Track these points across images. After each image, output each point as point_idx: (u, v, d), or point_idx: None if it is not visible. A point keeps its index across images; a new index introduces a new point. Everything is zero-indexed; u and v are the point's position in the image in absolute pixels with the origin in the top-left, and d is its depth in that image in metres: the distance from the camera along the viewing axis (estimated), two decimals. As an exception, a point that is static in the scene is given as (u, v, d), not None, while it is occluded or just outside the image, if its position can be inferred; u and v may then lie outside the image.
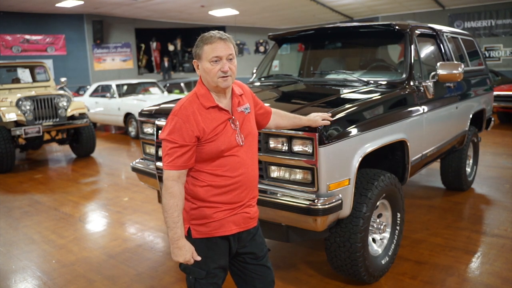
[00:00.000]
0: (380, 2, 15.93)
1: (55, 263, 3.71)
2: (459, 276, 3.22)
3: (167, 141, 1.82)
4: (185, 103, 1.86)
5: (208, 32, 1.90)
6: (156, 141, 3.41)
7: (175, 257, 1.85)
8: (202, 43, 1.86)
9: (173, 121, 1.82)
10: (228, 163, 1.87)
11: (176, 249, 1.83)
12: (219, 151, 1.84)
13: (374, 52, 4.35)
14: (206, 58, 1.84)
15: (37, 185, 6.49)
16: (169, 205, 1.80)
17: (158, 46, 20.09)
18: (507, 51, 15.52)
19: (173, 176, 1.82)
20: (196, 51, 1.88)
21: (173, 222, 1.81)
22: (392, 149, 3.35)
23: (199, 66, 1.89)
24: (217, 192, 1.87)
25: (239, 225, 1.95)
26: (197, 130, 1.80)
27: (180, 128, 1.80)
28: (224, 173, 1.87)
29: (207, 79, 1.86)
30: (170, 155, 1.81)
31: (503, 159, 6.96)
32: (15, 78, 9.28)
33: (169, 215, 1.81)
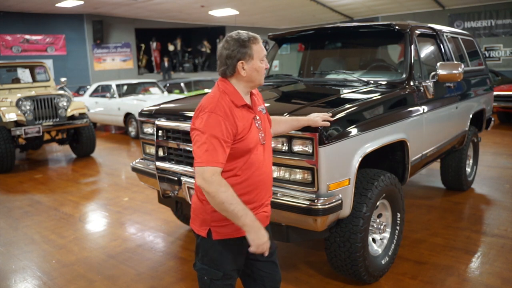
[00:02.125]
0: (380, 2, 15.93)
1: (55, 263, 3.71)
2: (459, 276, 3.22)
3: (208, 137, 1.77)
4: (219, 100, 1.84)
5: (236, 32, 1.90)
6: (156, 141, 3.41)
7: (259, 239, 1.78)
8: (250, 43, 1.88)
9: (211, 117, 1.79)
10: (253, 162, 1.89)
11: (259, 230, 1.79)
12: (248, 149, 1.86)
13: (374, 52, 4.35)
14: (258, 57, 1.89)
15: (37, 185, 6.49)
16: (230, 195, 1.75)
17: (158, 46, 20.09)
18: (507, 51, 15.52)
19: (217, 171, 1.77)
20: (246, 51, 1.87)
21: (243, 208, 1.76)
22: (392, 149, 3.35)
23: (245, 66, 1.88)
24: (240, 192, 1.86)
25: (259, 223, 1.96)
26: (235, 127, 1.81)
27: (220, 125, 1.78)
28: (248, 172, 1.88)
29: (254, 78, 1.90)
30: (210, 152, 1.76)
31: (503, 159, 6.96)
32: (15, 78, 9.28)
33: (235, 204, 1.75)
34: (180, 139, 3.24)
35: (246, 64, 1.88)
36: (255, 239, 1.79)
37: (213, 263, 1.92)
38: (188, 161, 3.23)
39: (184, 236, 4.22)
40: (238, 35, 1.88)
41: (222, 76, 1.93)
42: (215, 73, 20.07)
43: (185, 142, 3.21)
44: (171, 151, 3.38)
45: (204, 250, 1.96)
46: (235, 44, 1.86)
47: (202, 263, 1.97)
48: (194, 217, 1.99)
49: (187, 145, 3.17)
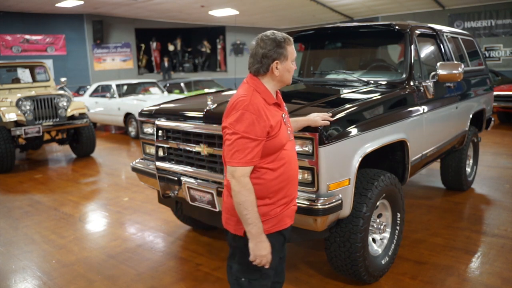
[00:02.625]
0: (380, 2, 15.93)
1: (55, 263, 3.71)
2: (459, 276, 3.22)
3: (240, 136, 1.79)
4: (252, 98, 1.86)
5: (271, 32, 1.94)
6: (156, 141, 3.41)
7: (259, 251, 1.84)
8: (285, 44, 1.92)
9: (244, 115, 1.80)
10: (284, 157, 1.92)
11: (260, 243, 1.84)
12: (281, 146, 1.90)
13: (374, 52, 4.35)
14: (291, 58, 1.95)
15: (37, 185, 6.49)
16: (249, 201, 1.80)
17: (158, 46, 20.09)
18: (507, 51, 15.51)
19: (247, 172, 1.82)
20: (281, 51, 1.91)
21: (256, 217, 1.82)
22: (392, 149, 3.35)
23: (278, 66, 1.92)
24: (276, 188, 1.90)
25: (291, 217, 2.00)
26: (268, 125, 1.83)
27: (253, 123, 1.80)
28: (282, 168, 1.91)
29: (285, 78, 1.96)
30: (242, 151, 1.79)
31: (503, 159, 6.96)
32: (15, 78, 9.28)
33: (250, 211, 1.80)
34: (180, 139, 3.24)
35: (280, 64, 1.92)
36: (255, 249, 1.85)
37: (251, 263, 1.90)
38: (188, 161, 3.23)
39: (184, 236, 4.22)
40: (274, 35, 1.91)
41: (254, 74, 1.96)
42: (215, 73, 20.14)
43: (185, 142, 3.21)
44: (171, 151, 3.38)
45: (241, 250, 1.94)
46: (272, 44, 1.90)
47: (240, 264, 1.96)
48: (228, 217, 1.98)
49: (187, 145, 3.17)
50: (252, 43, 2.00)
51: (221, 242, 4.01)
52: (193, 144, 3.12)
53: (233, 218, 1.95)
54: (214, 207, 2.99)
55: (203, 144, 3.03)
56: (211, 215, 3.18)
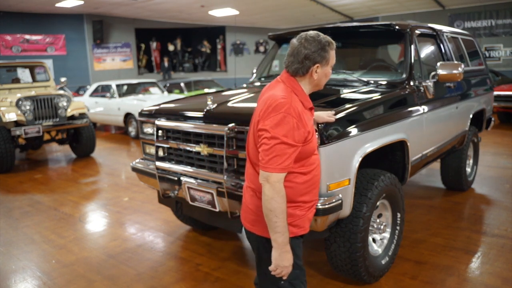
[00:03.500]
0: (380, 2, 15.93)
1: (55, 263, 3.71)
2: (459, 276, 3.22)
3: (280, 142, 1.72)
4: (292, 101, 1.79)
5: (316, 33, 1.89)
6: (156, 141, 3.41)
7: (282, 262, 1.78)
8: (330, 48, 1.89)
9: (286, 119, 1.73)
10: (314, 161, 1.91)
11: (285, 253, 1.78)
12: (313, 150, 1.88)
13: (374, 52, 4.34)
14: (332, 63, 1.92)
15: (37, 185, 6.49)
16: (281, 209, 1.74)
17: (158, 46, 20.09)
18: (507, 51, 15.51)
19: (282, 178, 1.76)
20: (324, 55, 1.87)
21: (284, 226, 1.76)
22: (392, 149, 3.35)
23: (318, 70, 1.88)
24: (304, 191, 1.89)
25: (310, 221, 1.99)
26: (306, 130, 1.79)
27: (293, 128, 1.74)
28: (313, 171, 1.90)
29: (321, 82, 1.93)
30: (280, 157, 1.73)
31: (503, 159, 6.96)
32: (15, 78, 9.28)
33: (280, 219, 1.74)
34: (180, 139, 3.24)
35: (321, 68, 1.88)
36: (278, 259, 1.78)
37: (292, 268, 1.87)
38: (188, 161, 3.23)
39: (184, 236, 4.22)
40: (319, 37, 1.86)
41: (292, 74, 1.89)
42: (215, 73, 20.14)
43: (185, 142, 3.21)
44: (171, 151, 3.38)
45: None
46: (317, 46, 1.85)
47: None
48: (256, 219, 1.91)
49: (187, 145, 3.17)
50: (293, 41, 1.92)
51: (221, 242, 4.01)
52: (193, 144, 3.12)
53: (260, 220, 1.88)
54: (214, 207, 2.99)
55: (203, 144, 3.03)
56: (211, 215, 3.18)
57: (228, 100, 3.25)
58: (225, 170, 2.85)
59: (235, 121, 2.83)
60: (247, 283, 3.23)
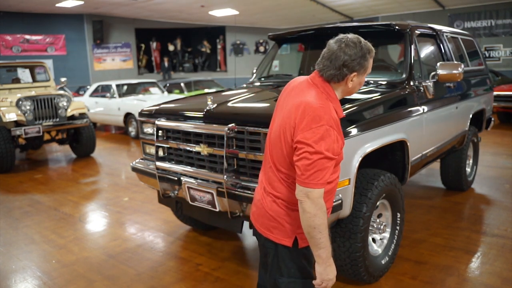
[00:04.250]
0: (380, 2, 15.93)
1: (55, 263, 3.71)
2: (459, 276, 3.22)
3: (324, 156, 1.63)
4: (330, 111, 1.69)
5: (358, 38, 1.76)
6: (156, 141, 3.41)
7: (327, 275, 1.74)
8: (369, 55, 1.76)
9: (328, 132, 1.63)
10: (338, 169, 1.84)
11: (329, 267, 1.75)
12: (341, 160, 1.80)
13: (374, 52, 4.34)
14: (368, 72, 1.79)
15: (37, 185, 6.49)
16: (325, 225, 1.68)
17: (158, 46, 20.09)
18: (507, 51, 15.51)
19: (322, 193, 1.68)
20: (365, 64, 1.74)
21: (328, 240, 1.71)
22: (392, 149, 3.35)
23: (354, 78, 1.76)
24: (327, 198, 1.80)
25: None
26: (343, 140, 1.72)
27: (334, 141, 1.65)
28: (335, 180, 1.84)
29: (355, 90, 1.82)
30: (321, 171, 1.64)
31: (503, 159, 6.96)
32: (15, 78, 9.29)
33: (324, 235, 1.69)
34: (180, 139, 3.24)
35: (357, 77, 1.76)
36: (323, 273, 1.74)
37: (303, 272, 1.86)
38: (188, 161, 3.23)
39: (184, 236, 4.22)
40: (361, 44, 1.73)
41: (326, 80, 1.77)
42: (215, 73, 20.13)
43: (185, 142, 3.21)
44: (171, 151, 3.38)
45: (291, 261, 1.85)
46: (358, 54, 1.71)
47: (290, 276, 1.86)
48: (275, 226, 1.85)
49: (187, 145, 3.17)
50: (331, 43, 1.78)
51: (221, 242, 4.01)
52: (193, 144, 3.12)
53: (280, 227, 1.83)
54: (214, 207, 2.99)
55: (203, 144, 3.03)
56: (211, 215, 3.18)
57: (228, 100, 3.25)
58: (225, 170, 2.85)
59: (235, 121, 2.83)
60: (247, 283, 3.23)
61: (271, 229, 1.87)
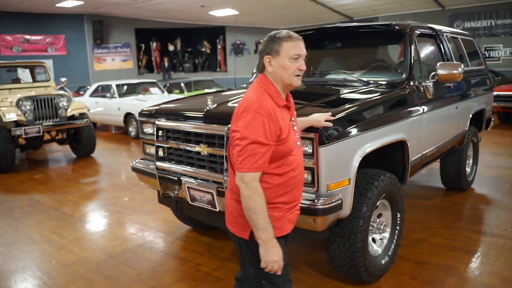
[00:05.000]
0: (380, 2, 15.93)
1: (55, 263, 3.71)
2: (459, 276, 3.22)
3: (251, 141, 1.74)
4: (263, 101, 1.80)
5: (277, 30, 1.88)
6: (156, 141, 3.41)
7: (270, 257, 1.80)
8: (279, 39, 1.84)
9: (256, 118, 1.74)
10: (292, 162, 1.89)
11: (271, 248, 1.80)
12: (290, 151, 1.85)
13: (374, 52, 4.35)
14: (287, 55, 1.83)
15: (37, 185, 6.49)
16: (260, 206, 1.76)
17: (158, 46, 20.09)
18: (507, 51, 15.51)
19: (257, 177, 1.78)
20: (273, 46, 1.84)
21: (266, 222, 1.78)
22: (392, 149, 3.35)
23: (272, 62, 1.86)
24: (281, 192, 1.88)
25: (292, 222, 1.99)
26: (278, 129, 1.78)
27: (264, 126, 1.74)
28: (289, 173, 1.88)
29: (282, 76, 1.86)
30: (253, 156, 1.74)
31: (503, 159, 6.96)
32: (15, 78, 9.29)
33: (261, 216, 1.76)
34: (180, 139, 3.24)
35: (273, 60, 1.85)
36: (266, 255, 1.80)
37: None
38: (188, 161, 3.23)
39: (184, 236, 4.22)
40: (274, 33, 1.87)
41: (260, 73, 1.93)
42: (215, 73, 20.13)
43: (185, 142, 3.21)
44: (171, 151, 3.38)
45: (252, 253, 1.90)
46: (268, 39, 1.87)
47: (256, 268, 1.91)
48: (234, 220, 1.94)
49: (187, 145, 3.17)
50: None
51: (221, 242, 4.01)
52: (193, 144, 3.12)
53: (238, 221, 1.91)
54: (214, 207, 2.99)
55: (203, 144, 3.03)
56: (211, 215, 3.18)
57: (228, 100, 3.25)
58: (225, 170, 2.85)
59: (235, 121, 2.82)
60: (247, 283, 3.23)
61: (233, 224, 1.95)
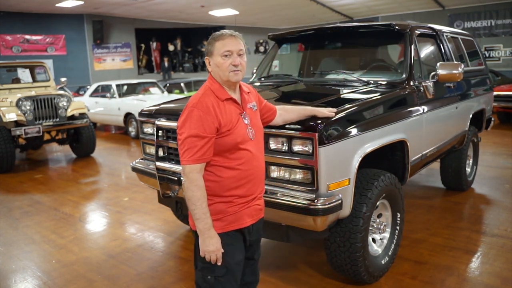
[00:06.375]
0: (380, 2, 15.93)
1: (55, 263, 3.71)
2: (459, 276, 3.22)
3: (188, 135, 1.83)
4: (202, 96, 1.91)
5: (219, 31, 1.98)
6: (156, 141, 3.41)
7: (206, 247, 1.87)
8: (213, 40, 1.95)
9: (192, 113, 1.85)
10: (242, 156, 1.92)
11: (208, 239, 1.87)
12: (235, 144, 1.89)
13: (374, 52, 4.35)
14: (218, 53, 1.93)
15: (37, 185, 6.49)
16: (197, 197, 1.84)
17: (158, 46, 20.08)
18: (507, 51, 15.51)
19: (196, 169, 1.85)
20: (208, 48, 1.96)
21: (203, 213, 1.85)
22: (392, 149, 3.35)
23: (210, 63, 1.97)
24: (233, 186, 1.92)
25: (252, 217, 2.01)
26: (216, 121, 1.85)
27: (200, 120, 1.83)
28: (239, 166, 1.92)
29: (219, 73, 1.95)
30: (191, 149, 1.83)
31: (503, 159, 6.96)
32: (15, 78, 9.29)
33: (197, 206, 1.84)
34: (180, 139, 3.23)
35: (212, 60, 1.96)
36: (203, 245, 1.88)
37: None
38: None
39: (184, 236, 4.22)
40: (214, 33, 1.97)
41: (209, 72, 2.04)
42: (215, 73, 20.11)
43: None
44: (171, 151, 3.38)
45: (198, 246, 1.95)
46: (209, 41, 1.99)
47: (204, 262, 1.95)
48: (189, 213, 1.99)
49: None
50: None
51: (221, 242, 4.00)
52: (193, 144, 3.12)
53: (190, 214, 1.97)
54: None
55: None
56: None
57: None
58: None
59: (235, 121, 2.82)
60: (247, 283, 3.23)
61: (190, 217, 2.00)
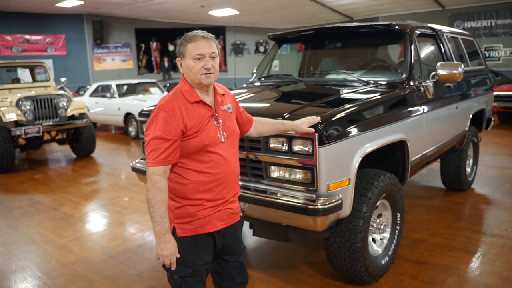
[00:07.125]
0: (380, 2, 15.93)
1: (55, 263, 3.71)
2: (459, 276, 3.22)
3: (153, 137, 1.82)
4: (170, 98, 1.89)
5: (192, 31, 1.95)
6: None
7: (161, 251, 1.87)
8: (185, 41, 1.92)
9: (158, 115, 1.83)
10: (211, 159, 1.90)
11: (163, 243, 1.86)
12: (203, 146, 1.87)
13: (374, 52, 4.35)
14: (190, 55, 1.89)
15: (37, 185, 6.49)
16: (156, 200, 1.82)
17: (158, 46, 20.09)
18: (507, 51, 15.51)
19: (159, 171, 1.83)
20: (180, 49, 1.93)
21: (161, 216, 1.84)
22: (392, 149, 3.35)
23: (182, 64, 1.94)
24: (201, 189, 1.89)
25: (223, 221, 1.98)
26: (182, 124, 1.83)
27: (166, 122, 1.81)
28: (208, 169, 1.89)
29: (191, 76, 1.91)
30: (155, 151, 1.81)
31: (503, 159, 6.96)
32: (15, 78, 9.27)
33: (156, 209, 1.83)
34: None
35: (183, 62, 1.93)
36: (158, 248, 1.88)
37: (181, 261, 1.93)
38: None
39: (184, 236, 4.22)
40: (186, 34, 1.95)
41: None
42: (215, 73, 20.11)
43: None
44: (171, 151, 3.37)
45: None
46: (180, 42, 1.96)
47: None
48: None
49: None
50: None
51: (221, 242, 4.00)
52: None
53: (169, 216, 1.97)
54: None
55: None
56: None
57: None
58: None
59: (235, 121, 2.82)
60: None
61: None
